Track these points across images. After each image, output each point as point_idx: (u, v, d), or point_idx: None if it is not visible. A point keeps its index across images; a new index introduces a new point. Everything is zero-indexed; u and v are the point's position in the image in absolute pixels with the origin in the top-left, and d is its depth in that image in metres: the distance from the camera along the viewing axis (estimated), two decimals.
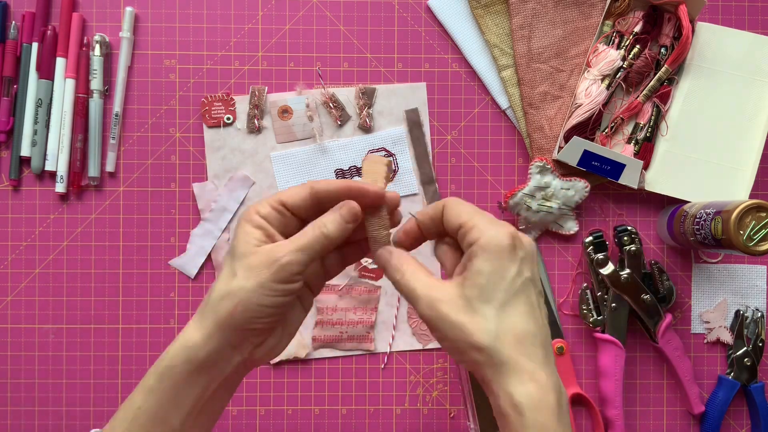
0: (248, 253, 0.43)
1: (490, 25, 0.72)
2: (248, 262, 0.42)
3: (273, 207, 0.44)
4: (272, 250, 0.43)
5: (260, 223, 0.44)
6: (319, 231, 0.43)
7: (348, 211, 0.44)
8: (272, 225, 0.44)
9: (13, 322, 0.71)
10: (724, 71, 0.71)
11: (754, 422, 0.71)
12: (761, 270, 0.73)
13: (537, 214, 0.71)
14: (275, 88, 0.73)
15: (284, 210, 0.44)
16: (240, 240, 0.44)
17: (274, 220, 0.44)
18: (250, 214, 0.44)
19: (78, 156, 0.71)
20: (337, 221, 0.44)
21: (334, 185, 0.44)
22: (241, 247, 0.43)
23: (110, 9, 0.72)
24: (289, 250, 0.42)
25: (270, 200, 0.45)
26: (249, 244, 0.43)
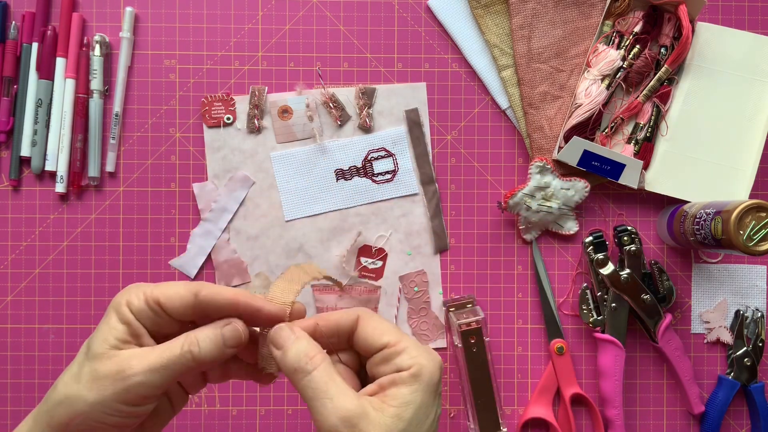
0: (100, 355, 0.36)
1: (490, 25, 0.72)
2: (96, 368, 0.36)
3: (148, 305, 0.37)
4: (125, 362, 0.36)
5: (127, 319, 0.37)
6: (188, 350, 0.37)
7: (232, 335, 0.38)
8: (143, 322, 0.38)
9: (13, 322, 0.71)
10: (724, 71, 0.71)
11: (754, 422, 0.71)
12: (761, 270, 0.73)
13: (537, 214, 0.71)
14: (275, 88, 0.73)
15: (159, 310, 0.38)
16: (99, 333, 0.37)
17: (146, 318, 0.38)
18: (121, 303, 0.38)
19: (78, 156, 0.71)
20: (213, 343, 0.37)
21: (223, 297, 0.38)
22: (96, 344, 0.37)
23: (110, 9, 0.72)
24: (143, 368, 0.36)
25: (147, 292, 0.38)
26: (106, 342, 0.37)
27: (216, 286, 0.38)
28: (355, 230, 0.72)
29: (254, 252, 0.72)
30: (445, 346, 0.72)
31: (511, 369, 0.72)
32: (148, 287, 0.38)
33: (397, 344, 0.38)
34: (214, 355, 0.38)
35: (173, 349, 0.37)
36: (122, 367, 0.36)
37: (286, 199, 0.72)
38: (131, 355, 0.36)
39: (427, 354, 0.38)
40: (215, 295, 0.38)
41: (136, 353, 0.36)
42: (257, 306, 0.38)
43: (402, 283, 0.72)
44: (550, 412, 0.71)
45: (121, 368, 0.36)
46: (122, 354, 0.36)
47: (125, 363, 0.36)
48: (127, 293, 0.38)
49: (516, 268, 0.73)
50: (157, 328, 0.38)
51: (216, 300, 0.38)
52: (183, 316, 0.38)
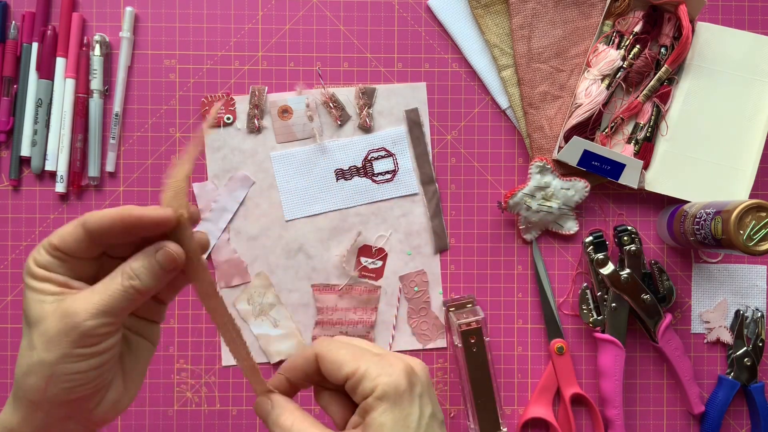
0: (41, 316, 0.36)
1: (490, 25, 0.72)
2: (45, 329, 0.36)
3: (50, 254, 0.37)
4: (68, 312, 0.36)
5: (45, 275, 0.37)
6: (129, 284, 0.37)
7: (166, 259, 0.37)
8: (58, 272, 0.37)
9: (13, 322, 0.71)
10: (724, 71, 0.71)
11: (754, 422, 0.71)
12: (761, 270, 0.73)
13: (537, 214, 0.71)
14: (275, 88, 0.73)
15: (62, 255, 0.37)
16: (29, 300, 0.37)
17: (57, 267, 0.37)
18: (30, 265, 0.37)
19: (78, 156, 0.71)
20: (152, 272, 0.37)
21: (106, 217, 0.36)
22: (32, 309, 0.36)
23: (110, 9, 0.72)
24: (89, 312, 0.36)
25: (44, 244, 0.37)
26: (39, 303, 0.36)
27: (99, 211, 0.37)
28: (355, 230, 0.72)
29: (254, 252, 0.72)
30: (445, 346, 0.72)
31: (511, 369, 0.72)
32: (44, 240, 0.38)
33: (356, 372, 0.38)
34: (156, 282, 0.37)
35: (114, 287, 0.37)
36: (69, 318, 0.35)
37: (286, 199, 0.72)
38: (73, 303, 0.36)
39: (388, 368, 0.38)
40: (98, 219, 0.36)
41: (78, 299, 0.36)
42: (139, 215, 0.36)
43: (402, 283, 0.72)
44: (550, 412, 0.71)
45: (69, 320, 0.35)
46: (64, 304, 0.36)
47: (71, 312, 0.36)
48: (30, 256, 0.38)
49: (516, 268, 0.73)
50: (72, 272, 0.38)
51: (101, 224, 0.36)
52: (85, 252, 0.38)
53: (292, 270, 0.72)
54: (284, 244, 0.72)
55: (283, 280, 0.72)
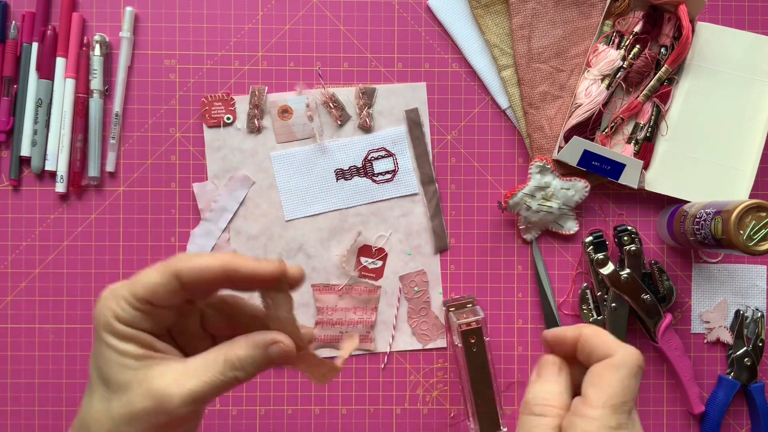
0: (125, 385, 0.33)
1: (490, 25, 0.72)
2: (129, 401, 0.33)
3: (135, 307, 0.34)
4: (159, 393, 0.33)
5: (129, 334, 0.34)
6: (232, 375, 0.34)
7: (280, 354, 0.35)
8: (143, 328, 0.34)
9: (13, 322, 0.71)
10: (724, 71, 0.71)
11: (754, 422, 0.71)
12: (761, 270, 0.73)
13: (537, 214, 0.71)
14: (275, 88, 0.73)
15: (150, 308, 0.34)
16: (109, 361, 0.34)
17: (141, 322, 0.34)
18: (110, 322, 0.34)
19: (78, 156, 0.71)
20: (259, 365, 0.35)
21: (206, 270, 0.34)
22: (113, 373, 0.33)
23: (110, 9, 0.72)
24: (183, 398, 0.33)
25: (126, 296, 0.34)
26: (122, 367, 0.33)
27: (194, 259, 0.34)
28: (355, 230, 0.72)
29: (254, 252, 0.72)
30: (445, 346, 0.72)
31: (511, 369, 0.72)
32: (124, 289, 0.34)
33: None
34: (259, 372, 0.35)
35: (214, 374, 0.34)
36: (161, 400, 0.33)
37: (286, 199, 0.72)
38: (165, 381, 0.33)
39: None
40: (200, 272, 0.34)
41: (169, 378, 0.33)
42: (247, 271, 0.34)
43: (402, 283, 0.72)
44: None
45: (160, 402, 0.33)
46: (152, 378, 0.33)
47: (162, 395, 0.33)
48: (108, 308, 0.34)
49: (516, 268, 0.73)
50: (155, 326, 0.35)
51: (202, 276, 0.34)
52: (175, 302, 0.35)
53: None
54: (284, 244, 0.72)
55: None
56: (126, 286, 0.34)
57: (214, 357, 0.35)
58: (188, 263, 0.34)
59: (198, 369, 0.34)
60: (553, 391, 0.39)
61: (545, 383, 0.39)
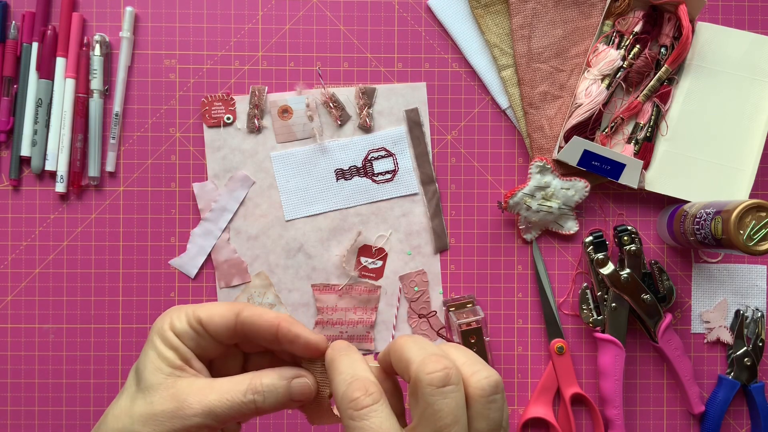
0: (154, 385, 0.36)
1: (490, 25, 0.72)
2: (151, 401, 0.35)
3: (190, 325, 0.37)
4: (180, 397, 0.35)
5: (174, 343, 0.37)
6: (251, 399, 0.36)
7: (301, 391, 0.37)
8: (188, 344, 0.37)
9: (13, 322, 0.71)
10: (724, 71, 0.71)
11: (754, 422, 0.71)
12: (761, 270, 0.73)
13: (537, 214, 0.71)
14: (275, 88, 0.73)
15: (202, 330, 0.37)
16: (148, 361, 0.37)
17: (189, 339, 0.37)
18: (164, 327, 0.37)
19: (78, 156, 0.71)
20: (280, 396, 0.36)
21: (264, 320, 0.37)
22: (148, 372, 0.36)
23: (110, 9, 0.72)
24: (202, 408, 0.35)
25: (188, 312, 0.38)
26: (159, 371, 0.36)
27: (257, 308, 0.37)
28: (355, 230, 0.72)
29: (254, 252, 0.72)
30: None
31: (511, 369, 0.72)
32: (189, 308, 0.38)
33: None
34: (277, 407, 0.37)
35: (235, 395, 0.36)
36: (180, 404, 0.35)
37: (286, 199, 0.72)
38: (189, 390, 0.35)
39: None
40: (256, 317, 0.37)
41: (194, 388, 0.35)
42: (297, 332, 0.37)
43: (402, 283, 0.72)
44: (550, 412, 0.71)
45: (179, 406, 0.35)
46: (179, 386, 0.36)
47: (183, 400, 0.35)
48: (168, 316, 0.38)
49: (516, 268, 0.73)
50: (200, 351, 0.38)
51: (256, 323, 0.37)
52: (224, 337, 0.38)
53: (292, 270, 0.72)
54: (284, 244, 0.72)
55: (283, 279, 0.72)
56: (192, 305, 0.38)
57: (240, 379, 0.37)
58: (252, 309, 0.37)
59: (222, 386, 0.36)
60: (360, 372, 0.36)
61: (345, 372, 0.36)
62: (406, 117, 0.73)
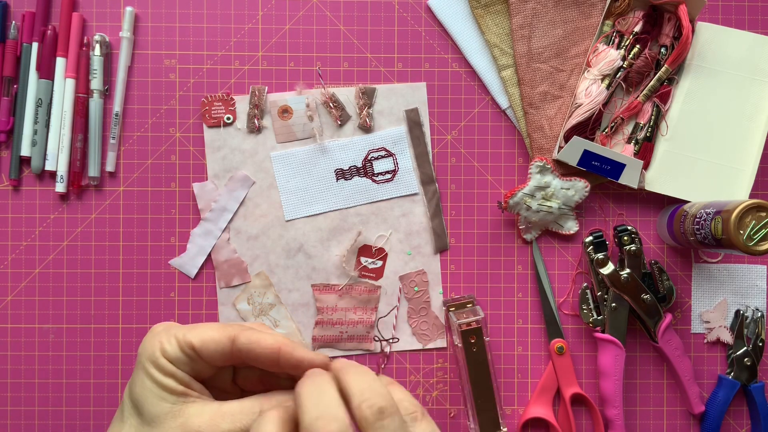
0: (160, 416, 0.34)
1: (490, 25, 0.72)
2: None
3: (183, 351, 0.36)
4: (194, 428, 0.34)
5: (170, 370, 0.35)
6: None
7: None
8: (183, 370, 0.36)
9: (13, 322, 0.71)
10: (724, 71, 0.71)
11: (754, 422, 0.71)
12: (761, 270, 0.73)
13: (537, 214, 0.71)
14: (275, 88, 0.73)
15: (196, 356, 0.36)
16: (147, 391, 0.35)
17: (183, 365, 0.36)
18: (156, 354, 0.35)
19: (78, 156, 0.71)
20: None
21: (263, 347, 0.36)
22: (150, 404, 0.35)
23: (110, 9, 0.72)
24: None
25: (179, 337, 0.36)
26: (161, 401, 0.35)
27: (254, 333, 0.36)
28: (355, 230, 0.72)
29: (254, 252, 0.72)
30: (445, 346, 0.72)
31: (511, 369, 0.72)
32: (179, 331, 0.36)
33: None
34: None
35: (248, 421, 0.35)
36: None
37: (286, 199, 0.72)
38: (199, 420, 0.34)
39: None
40: (254, 344, 0.36)
41: (204, 417, 0.34)
42: (300, 357, 0.36)
43: (402, 283, 0.72)
44: (550, 412, 0.71)
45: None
46: (187, 414, 0.34)
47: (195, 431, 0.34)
48: (157, 340, 0.36)
49: (516, 268, 0.73)
50: (194, 374, 0.37)
51: (255, 350, 0.36)
52: (219, 362, 0.37)
53: (292, 270, 0.72)
54: (284, 244, 0.72)
55: (283, 279, 0.72)
56: (182, 328, 0.36)
57: (251, 405, 0.35)
58: (248, 334, 0.36)
59: (234, 413, 0.35)
60: None
61: None
62: (406, 117, 0.73)
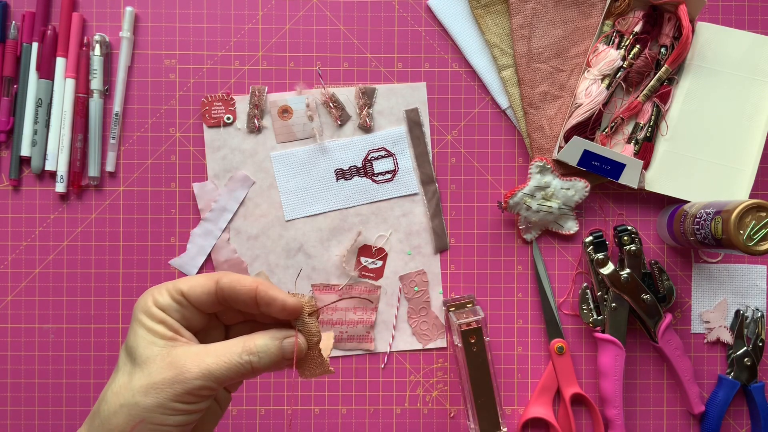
0: (150, 357, 0.37)
1: (490, 25, 0.72)
2: (149, 372, 0.36)
3: (173, 297, 0.39)
4: (178, 364, 0.36)
5: (161, 317, 0.38)
6: (247, 360, 0.38)
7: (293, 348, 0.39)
8: (173, 317, 0.39)
9: (13, 322, 0.71)
10: (724, 71, 0.71)
11: (754, 422, 0.71)
12: (761, 270, 0.73)
13: (537, 214, 0.71)
14: (275, 88, 0.73)
15: (185, 302, 0.39)
16: (139, 338, 0.38)
17: (174, 312, 0.39)
18: (147, 303, 0.38)
19: (78, 156, 0.71)
20: (273, 356, 0.38)
21: (243, 286, 0.38)
22: (141, 348, 0.37)
23: (110, 9, 0.72)
24: (201, 371, 0.36)
25: (169, 287, 0.39)
26: (151, 345, 0.37)
27: (236, 275, 0.39)
28: (355, 230, 0.72)
29: (254, 252, 0.72)
30: (445, 346, 0.72)
31: (511, 369, 0.72)
32: (169, 283, 0.39)
33: None
34: (271, 366, 0.39)
35: (231, 356, 0.37)
36: (179, 370, 0.36)
37: (286, 198, 0.72)
38: (185, 356, 0.37)
39: None
40: (235, 283, 0.38)
41: (190, 354, 0.37)
42: (273, 296, 0.38)
43: (402, 283, 0.72)
44: (550, 412, 0.71)
45: (179, 372, 0.36)
46: (175, 354, 0.37)
47: (181, 366, 0.36)
48: (150, 294, 0.39)
49: (516, 268, 0.73)
50: (185, 321, 0.39)
51: (236, 288, 0.38)
52: (206, 305, 0.39)
53: (292, 270, 0.72)
54: (284, 244, 0.72)
55: (283, 279, 0.72)
56: (171, 282, 0.40)
57: (234, 342, 0.38)
58: (231, 275, 0.39)
59: (218, 350, 0.38)
60: None
61: None
62: (406, 117, 0.73)
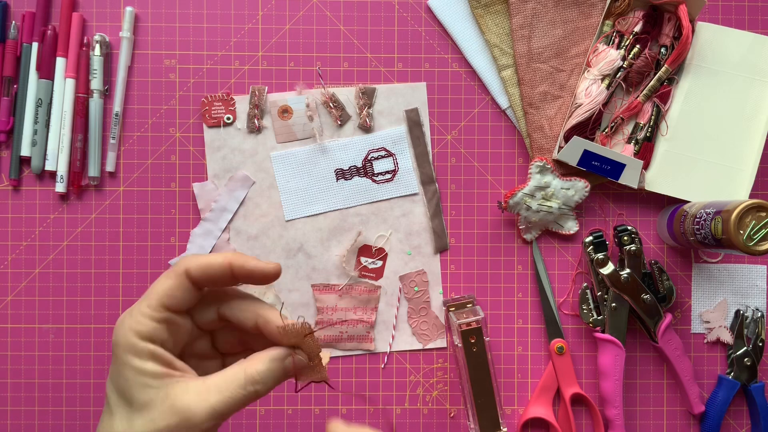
0: (148, 402, 0.34)
1: (490, 25, 0.72)
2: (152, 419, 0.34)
3: (154, 318, 0.35)
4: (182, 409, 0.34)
5: (149, 351, 0.35)
6: (252, 390, 0.35)
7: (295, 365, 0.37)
8: (164, 344, 0.35)
9: (13, 322, 0.71)
10: (724, 71, 0.71)
11: (754, 422, 0.71)
12: (761, 270, 0.73)
13: (537, 214, 0.71)
14: (275, 88, 0.73)
15: (167, 314, 0.36)
16: (130, 381, 0.34)
17: (161, 334, 0.35)
18: (129, 339, 0.34)
19: (78, 156, 0.71)
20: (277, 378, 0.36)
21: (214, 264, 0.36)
22: (134, 391, 0.34)
23: (110, 9, 0.72)
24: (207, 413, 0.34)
25: (144, 310, 0.35)
26: (145, 387, 0.34)
27: (201, 258, 0.36)
28: (355, 230, 0.72)
29: (254, 252, 0.72)
30: (445, 346, 0.72)
31: (511, 369, 0.72)
32: (138, 305, 0.36)
33: None
34: (276, 385, 0.37)
35: (235, 390, 0.35)
36: (185, 415, 0.34)
37: (286, 199, 0.72)
38: (187, 398, 0.34)
39: None
40: (205, 267, 0.36)
41: (191, 393, 0.34)
42: (251, 268, 0.37)
43: (402, 283, 0.72)
44: (550, 412, 0.71)
45: (184, 417, 0.34)
46: (174, 395, 0.34)
47: (186, 410, 0.34)
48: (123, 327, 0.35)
49: (516, 268, 0.73)
50: (173, 341, 0.37)
51: (208, 271, 0.36)
52: (187, 303, 0.37)
53: (292, 270, 0.72)
54: (284, 244, 0.72)
55: (283, 279, 0.72)
56: (140, 302, 0.36)
57: (234, 373, 0.36)
58: (195, 260, 0.36)
59: (219, 385, 0.35)
60: None
61: None
62: (406, 117, 0.73)
